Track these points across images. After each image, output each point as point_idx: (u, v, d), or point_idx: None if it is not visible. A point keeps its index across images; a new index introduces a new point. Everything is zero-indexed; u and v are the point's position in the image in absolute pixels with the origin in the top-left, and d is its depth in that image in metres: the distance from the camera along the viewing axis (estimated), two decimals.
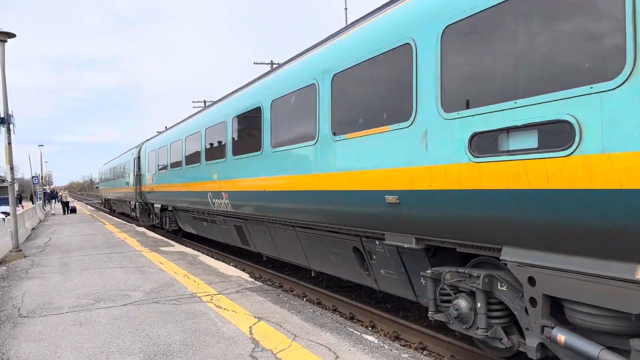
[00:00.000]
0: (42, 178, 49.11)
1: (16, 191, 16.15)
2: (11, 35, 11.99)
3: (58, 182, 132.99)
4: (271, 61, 32.00)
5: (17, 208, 16.41)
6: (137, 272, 9.73)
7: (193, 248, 16.55)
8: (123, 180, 27.99)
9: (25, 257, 12.52)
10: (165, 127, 27.63)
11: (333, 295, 9.19)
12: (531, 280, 4.36)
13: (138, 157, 23.13)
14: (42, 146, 51.45)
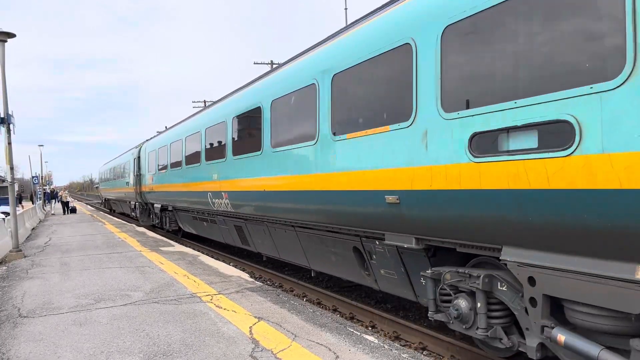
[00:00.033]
0: (42, 178, 49.08)
1: (16, 191, 16.13)
2: (11, 35, 12.00)
3: (58, 182, 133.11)
4: (271, 61, 32.03)
5: (17, 208, 16.40)
6: (137, 272, 9.74)
7: (193, 248, 16.56)
8: (123, 180, 27.98)
9: (25, 257, 12.52)
10: (165, 127, 27.65)
11: (333, 295, 9.20)
12: (531, 280, 4.35)
13: (138, 157, 23.10)
14: (42, 146, 51.50)
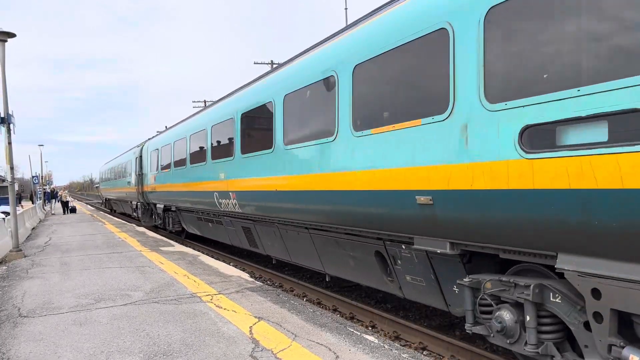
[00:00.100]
0: (42, 178, 49.10)
1: (16, 191, 16.13)
2: (11, 35, 12.01)
3: (58, 182, 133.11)
4: (271, 61, 32.10)
5: (17, 208, 16.40)
6: (137, 272, 9.74)
7: (193, 248, 16.56)
8: (124, 180, 27.84)
9: (25, 257, 12.53)
10: (165, 127, 27.67)
11: (333, 295, 9.19)
12: (596, 292, 3.86)
13: (140, 156, 22.87)
14: (42, 146, 51.57)
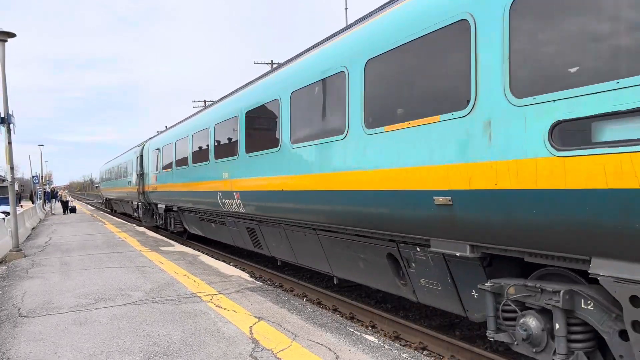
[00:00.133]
0: (42, 178, 49.11)
1: (15, 191, 16.13)
2: (11, 35, 12.01)
3: (58, 182, 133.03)
4: (271, 61, 32.20)
5: (17, 208, 16.40)
6: (137, 272, 9.74)
7: (193, 248, 16.55)
8: (125, 179, 27.74)
9: (25, 257, 12.53)
10: (165, 127, 27.65)
11: (333, 295, 9.19)
12: (635, 299, 3.66)
13: (141, 156, 22.71)
14: (42, 146, 51.56)
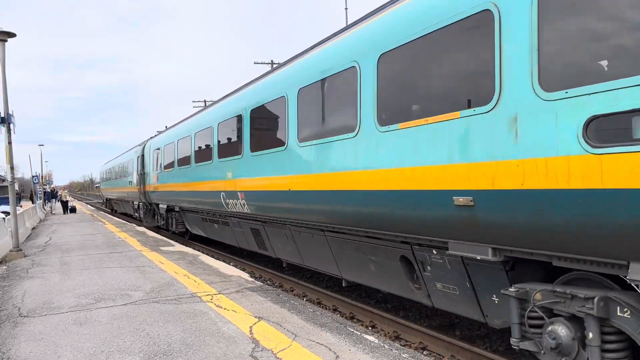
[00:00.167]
0: (43, 177, 49.12)
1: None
2: (11, 34, 12.01)
3: (58, 182, 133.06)
4: (271, 61, 32.19)
5: (17, 208, 16.40)
6: (138, 272, 9.74)
7: (193, 248, 16.55)
8: (126, 179, 27.60)
9: (25, 257, 12.53)
10: (165, 127, 27.58)
11: (333, 295, 9.20)
12: None
13: (142, 156, 22.51)
14: (42, 146, 51.52)
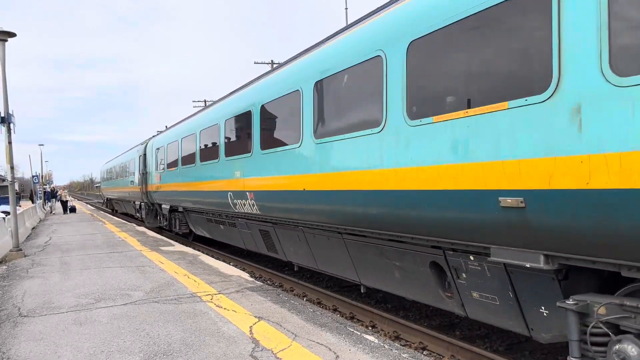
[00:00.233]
0: (43, 177, 49.13)
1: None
2: (12, 34, 12.01)
3: (58, 182, 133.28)
4: (271, 61, 32.21)
5: (17, 207, 16.40)
6: (138, 272, 9.74)
7: (193, 248, 16.55)
8: (127, 179, 27.31)
9: (25, 257, 12.53)
10: (165, 127, 27.55)
11: (333, 295, 9.20)
12: None
13: (144, 155, 22.16)
14: (43, 145, 51.57)
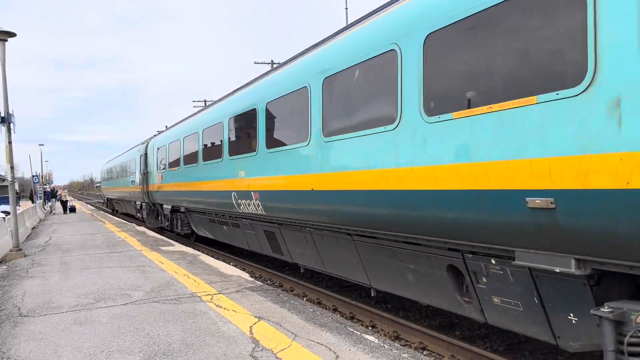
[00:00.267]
0: (43, 177, 49.15)
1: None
2: (12, 34, 12.01)
3: (58, 182, 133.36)
4: (271, 61, 32.21)
5: (17, 207, 16.41)
6: (138, 272, 9.74)
7: (193, 248, 16.55)
8: (128, 179, 27.15)
9: (25, 257, 12.53)
10: (165, 127, 27.51)
11: (333, 295, 9.20)
12: None
13: (145, 154, 21.98)
14: (43, 145, 51.58)
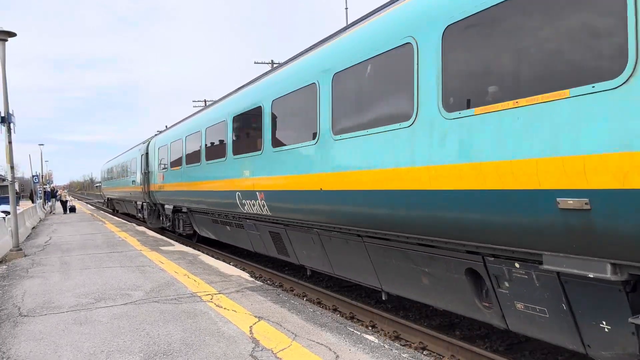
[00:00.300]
0: (43, 177, 49.14)
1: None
2: (12, 34, 12.01)
3: (58, 182, 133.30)
4: (271, 61, 32.23)
5: (17, 207, 16.40)
6: (138, 272, 9.74)
7: (193, 248, 16.55)
8: (128, 178, 27.00)
9: (25, 256, 12.53)
10: (165, 127, 27.50)
11: (333, 294, 9.20)
12: None
13: (146, 154, 21.78)
14: (43, 145, 51.57)
